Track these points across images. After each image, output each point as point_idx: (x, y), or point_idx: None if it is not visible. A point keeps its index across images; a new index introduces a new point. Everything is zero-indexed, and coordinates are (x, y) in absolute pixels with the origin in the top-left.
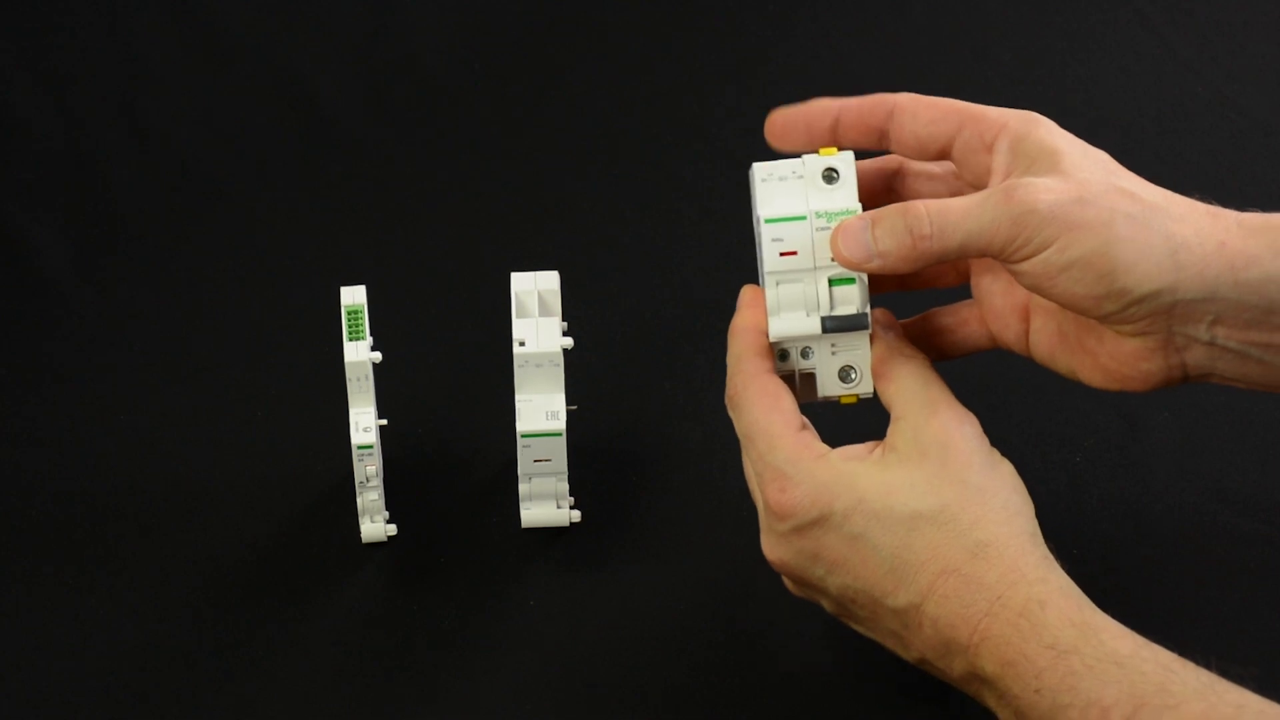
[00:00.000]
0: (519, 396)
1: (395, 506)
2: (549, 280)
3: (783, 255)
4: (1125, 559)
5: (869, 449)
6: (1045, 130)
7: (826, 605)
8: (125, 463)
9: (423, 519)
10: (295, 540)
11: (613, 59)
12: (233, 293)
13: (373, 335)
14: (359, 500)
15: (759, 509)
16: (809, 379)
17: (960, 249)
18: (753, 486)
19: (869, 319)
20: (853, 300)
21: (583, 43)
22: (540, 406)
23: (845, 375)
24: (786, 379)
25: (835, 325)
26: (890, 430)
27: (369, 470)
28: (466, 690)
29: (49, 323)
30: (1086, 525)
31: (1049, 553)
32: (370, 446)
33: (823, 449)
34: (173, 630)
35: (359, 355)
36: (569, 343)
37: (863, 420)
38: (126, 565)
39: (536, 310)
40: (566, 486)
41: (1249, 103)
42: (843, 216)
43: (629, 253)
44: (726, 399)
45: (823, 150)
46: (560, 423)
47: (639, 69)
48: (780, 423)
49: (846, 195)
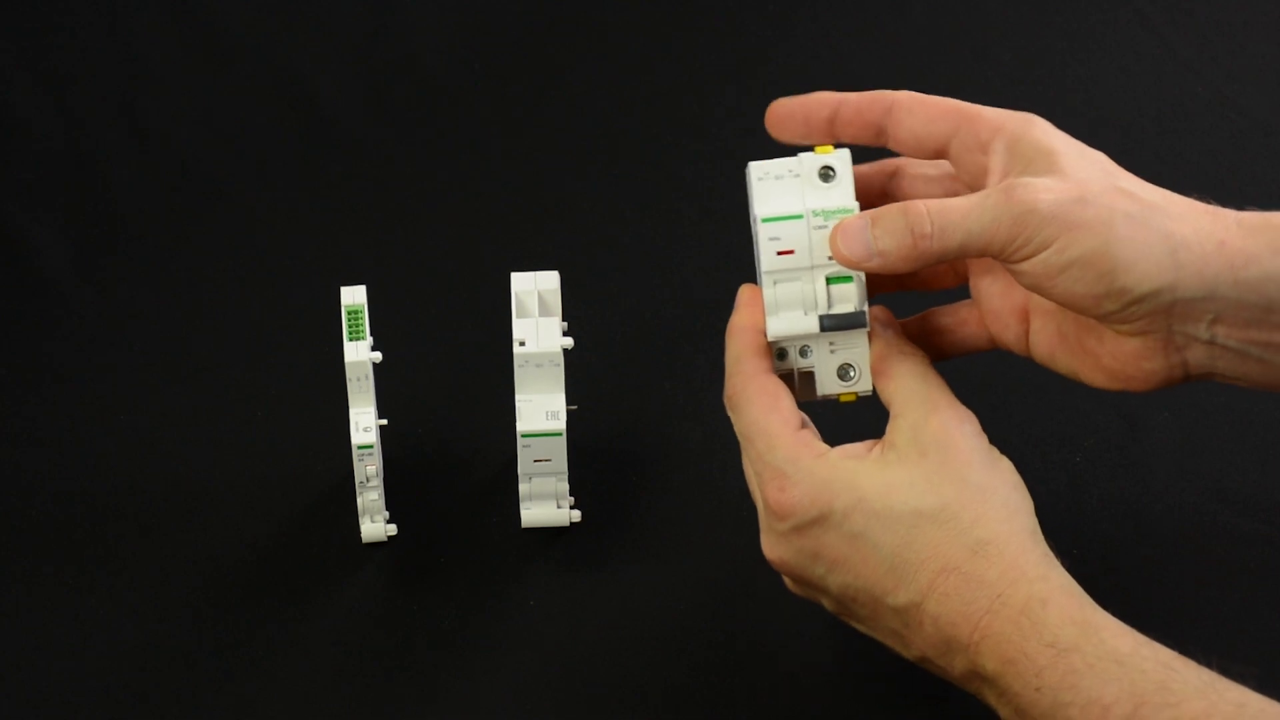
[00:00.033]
0: (519, 396)
1: (395, 506)
2: (549, 280)
3: (780, 254)
4: (1125, 559)
5: (868, 447)
6: (1042, 131)
7: (827, 604)
8: (125, 463)
9: (423, 519)
10: (295, 540)
11: (613, 59)
12: (233, 293)
13: (373, 335)
14: (359, 500)
15: (759, 508)
16: (808, 378)
17: (960, 249)
18: (752, 486)
19: (867, 317)
20: (850, 298)
21: (583, 43)
22: (540, 406)
23: (844, 373)
24: (785, 378)
25: (833, 324)
26: (889, 428)
27: (369, 470)
28: (466, 690)
29: (49, 323)
30: (1086, 525)
31: (1049, 550)
32: (370, 446)
33: (822, 448)
34: (173, 630)
35: (359, 355)
36: (569, 343)
37: (862, 419)
38: (126, 565)
39: (536, 310)
40: (566, 486)
41: (1249, 103)
42: (839, 215)
43: (629, 253)
44: (725, 399)
45: (819, 148)
46: (560, 423)
47: (639, 69)
48: (779, 422)
49: (843, 193)
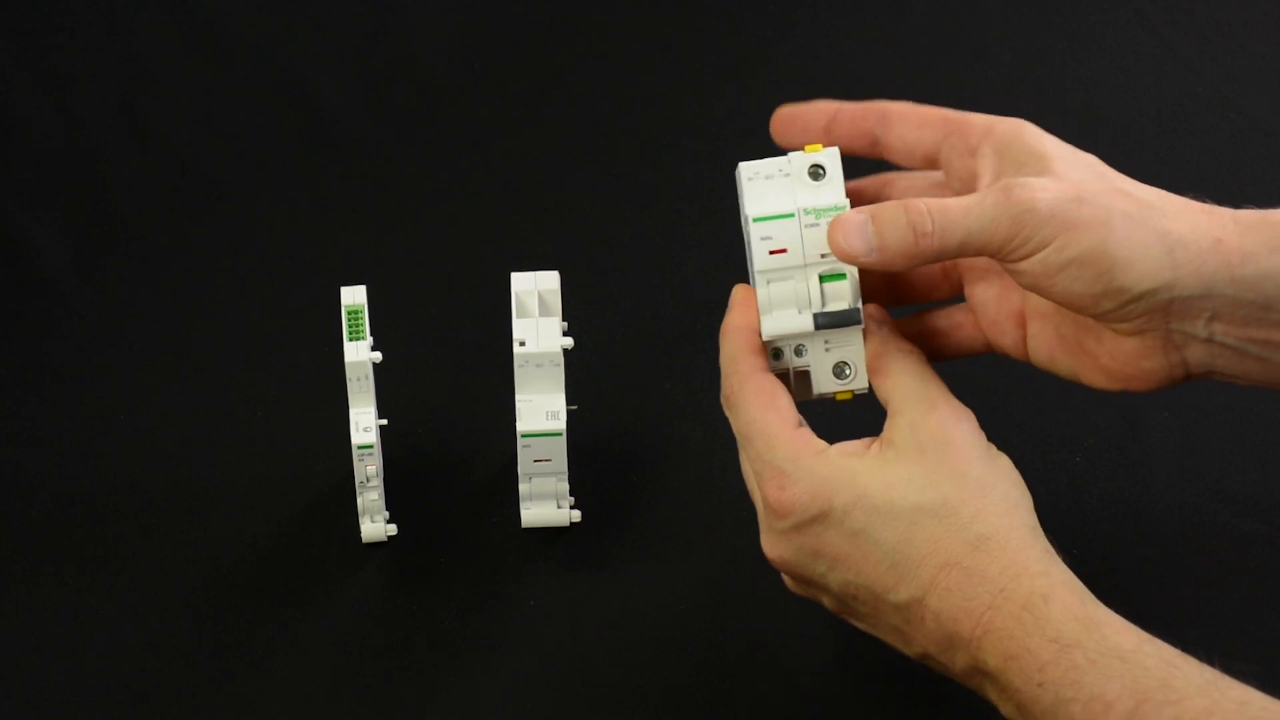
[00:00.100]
0: (519, 396)
1: (395, 506)
2: (549, 280)
3: (772, 253)
4: (1125, 559)
5: (867, 445)
6: (1033, 135)
7: (827, 603)
8: (125, 463)
9: (423, 519)
10: (295, 540)
11: (613, 59)
12: (233, 293)
13: (373, 335)
14: (359, 500)
15: (758, 508)
16: (804, 377)
17: (960, 247)
18: (751, 485)
19: (861, 314)
20: (844, 296)
21: (583, 43)
22: (540, 406)
23: (840, 371)
24: (781, 377)
25: (828, 321)
26: (888, 425)
27: (369, 470)
28: (466, 690)
29: (49, 323)
30: (1086, 525)
31: (1050, 546)
32: (370, 446)
33: (821, 445)
34: (173, 630)
35: (359, 355)
36: (569, 343)
37: (860, 417)
38: (126, 565)
39: (536, 310)
40: (567, 486)
41: (1249, 103)
42: (831, 213)
43: (629, 253)
44: (722, 399)
45: (808, 147)
46: (560, 423)
47: (639, 69)
48: (777, 420)
49: (833, 191)
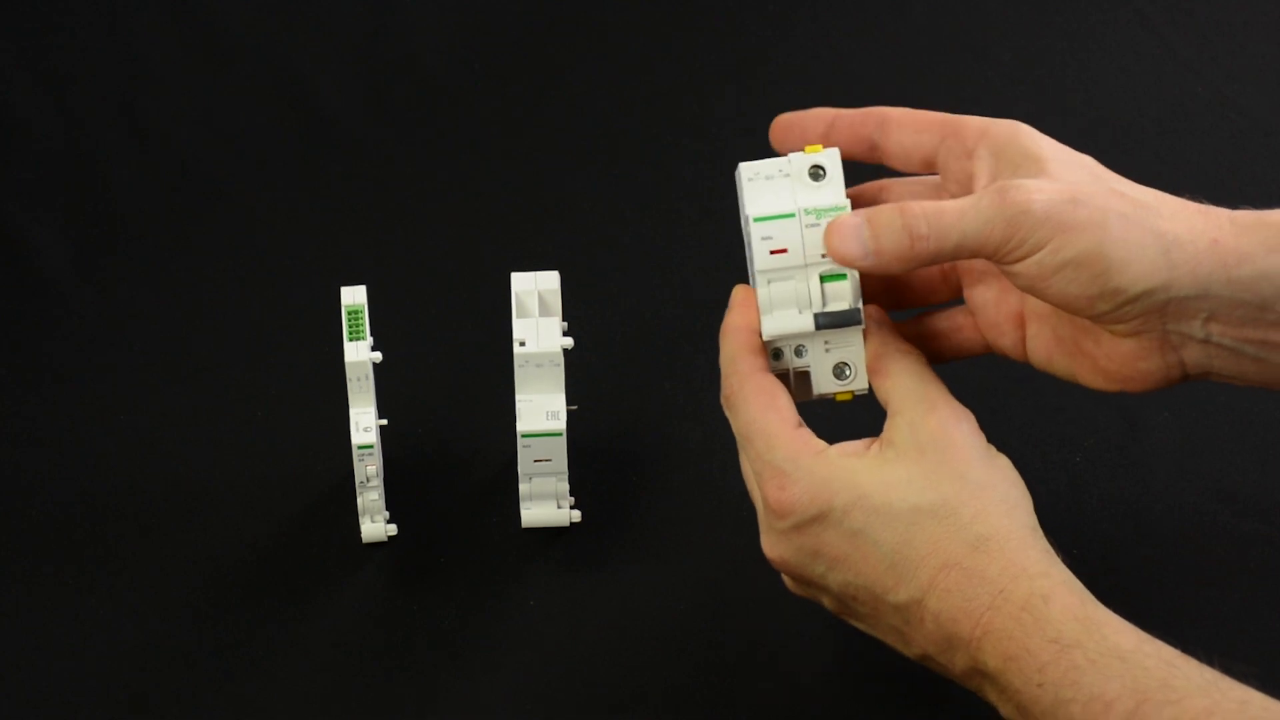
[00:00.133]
0: (519, 396)
1: (395, 506)
2: (549, 280)
3: (773, 253)
4: (1125, 559)
5: (866, 445)
6: (1028, 136)
7: (827, 603)
8: (125, 463)
9: (423, 519)
10: (295, 540)
11: (613, 59)
12: (233, 293)
13: (373, 335)
14: (359, 500)
15: (758, 508)
16: (804, 377)
17: (955, 250)
18: (751, 485)
19: (862, 314)
20: (845, 296)
21: (583, 43)
22: (540, 406)
23: (840, 372)
24: (781, 378)
25: (828, 321)
26: (887, 426)
27: (369, 470)
28: (466, 690)
29: (49, 323)
30: (1086, 525)
31: (1049, 546)
32: (370, 446)
33: (821, 445)
34: (173, 630)
35: (359, 355)
36: (569, 343)
37: (859, 418)
38: (126, 565)
39: (536, 310)
40: (567, 486)
41: (1249, 103)
42: (831, 212)
43: (629, 253)
44: (722, 399)
45: (808, 148)
46: (560, 423)
47: (639, 69)
48: (777, 420)
49: (834, 192)
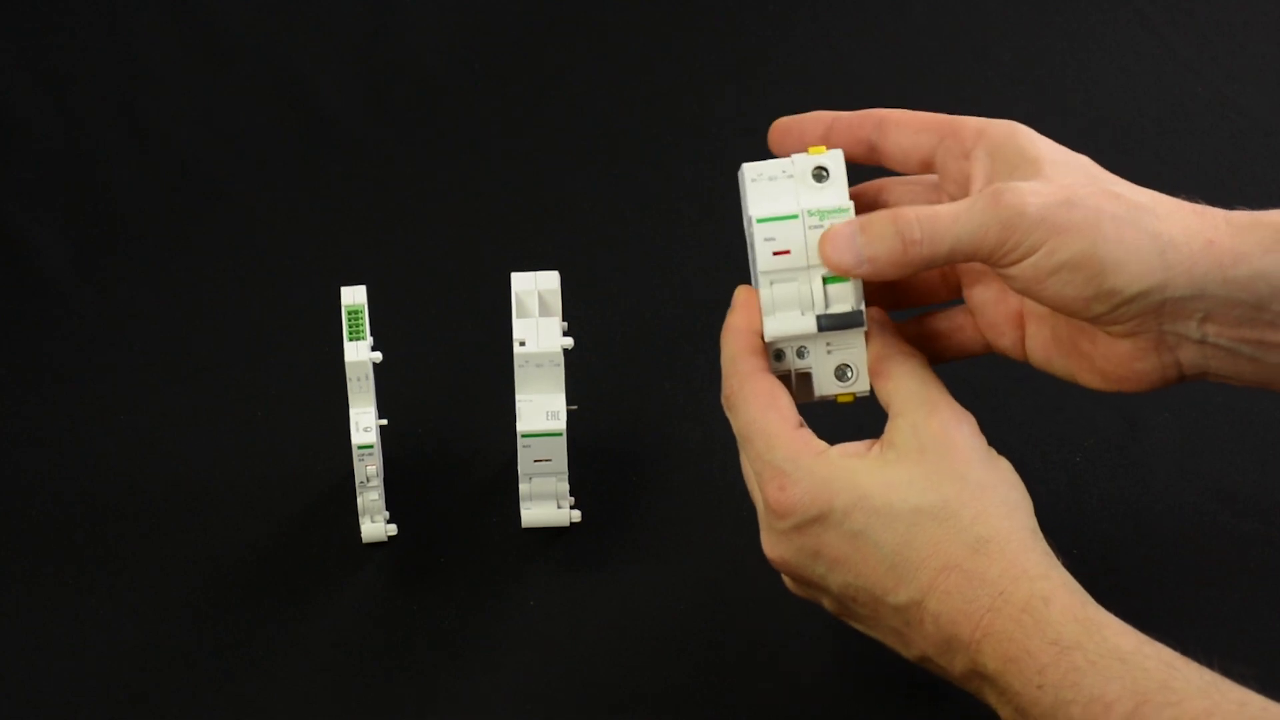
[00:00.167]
0: (519, 396)
1: (395, 506)
2: (549, 280)
3: (776, 254)
4: (1125, 559)
5: (867, 446)
6: (1025, 137)
7: (827, 604)
8: (125, 463)
9: (423, 519)
10: (295, 540)
11: (613, 59)
12: (233, 293)
13: (373, 335)
14: (359, 500)
15: (758, 508)
16: (805, 379)
17: (950, 254)
18: (751, 486)
19: (864, 317)
20: (847, 298)
21: (583, 43)
22: (540, 406)
23: (841, 374)
24: (783, 379)
25: (830, 323)
26: (889, 428)
27: (369, 470)
28: (466, 690)
29: (49, 323)
30: (1086, 525)
31: (1049, 549)
32: (370, 446)
33: (821, 446)
34: (173, 630)
35: (359, 355)
36: (569, 343)
37: (860, 420)
38: (126, 565)
39: (537, 310)
40: (567, 486)
41: (1249, 103)
42: (835, 214)
43: (629, 253)
44: (723, 399)
45: (812, 149)
46: (560, 423)
47: (639, 69)
48: (777, 420)
49: (837, 193)
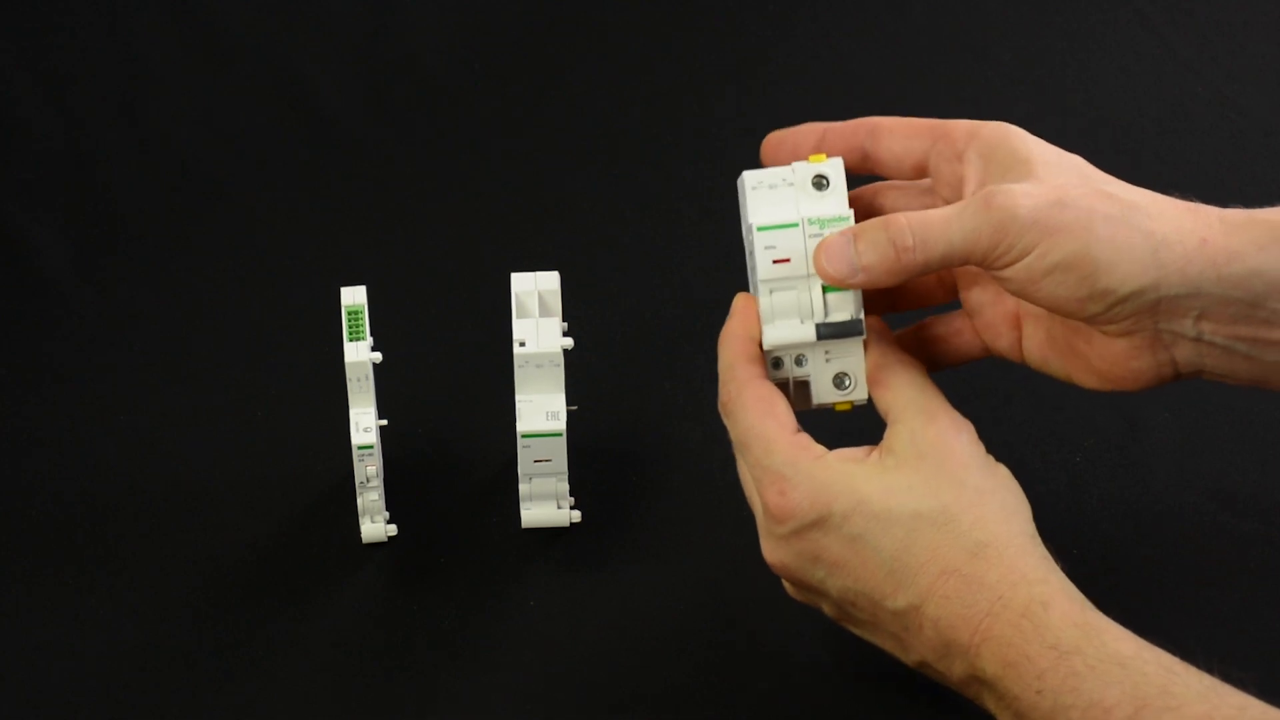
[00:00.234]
0: (519, 396)
1: (395, 506)
2: (549, 280)
3: (776, 263)
4: (1125, 559)
5: (866, 452)
6: (1018, 139)
7: (827, 609)
8: (125, 463)
9: (423, 519)
10: (295, 540)
11: (613, 59)
12: (233, 293)
13: (373, 335)
14: (359, 500)
15: (757, 514)
16: (803, 387)
17: (943, 259)
18: (749, 492)
19: (863, 325)
20: (847, 307)
21: (583, 43)
22: (540, 406)
23: (839, 382)
24: (781, 387)
25: (830, 332)
26: (887, 434)
27: (369, 470)
28: (466, 690)
29: (49, 323)
30: (1086, 525)
31: (1048, 553)
32: (370, 446)
33: (820, 450)
34: (173, 630)
35: (359, 355)
36: (569, 343)
37: (858, 429)
38: (126, 565)
39: (536, 310)
40: (567, 486)
41: (1249, 103)
42: (835, 223)
43: (629, 253)
44: (720, 406)
45: (812, 157)
46: (560, 423)
47: (639, 69)
48: (775, 426)
49: (837, 202)
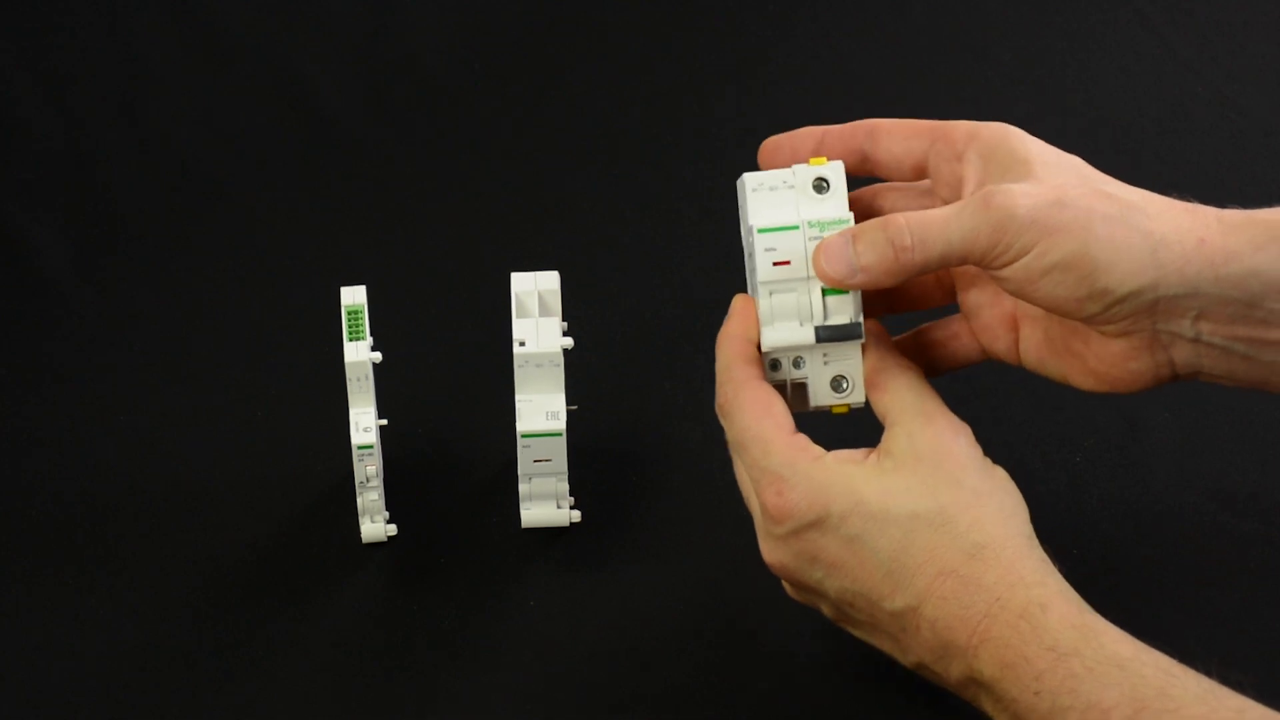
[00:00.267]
0: (519, 396)
1: (395, 506)
2: (549, 280)
3: (775, 265)
4: (1125, 559)
5: (864, 454)
6: (1017, 139)
7: (825, 610)
8: (125, 463)
9: (423, 519)
10: (295, 540)
11: (613, 59)
12: (233, 293)
13: (373, 335)
14: (359, 500)
15: (755, 515)
16: (800, 389)
17: (942, 259)
18: (747, 494)
19: (862, 329)
20: (846, 310)
21: (583, 43)
22: (540, 406)
23: (837, 385)
24: (779, 389)
25: (829, 335)
26: (885, 436)
27: (369, 470)
28: (466, 690)
29: (49, 323)
30: (1086, 525)
31: (1045, 555)
32: (370, 446)
33: (818, 451)
34: (173, 630)
35: (359, 355)
36: (569, 343)
37: (855, 431)
38: (126, 565)
39: (536, 310)
40: (566, 486)
41: (1249, 103)
42: (835, 225)
43: (629, 253)
44: (717, 408)
45: (813, 160)
46: (560, 423)
47: (639, 69)
48: (773, 427)
49: (837, 204)
